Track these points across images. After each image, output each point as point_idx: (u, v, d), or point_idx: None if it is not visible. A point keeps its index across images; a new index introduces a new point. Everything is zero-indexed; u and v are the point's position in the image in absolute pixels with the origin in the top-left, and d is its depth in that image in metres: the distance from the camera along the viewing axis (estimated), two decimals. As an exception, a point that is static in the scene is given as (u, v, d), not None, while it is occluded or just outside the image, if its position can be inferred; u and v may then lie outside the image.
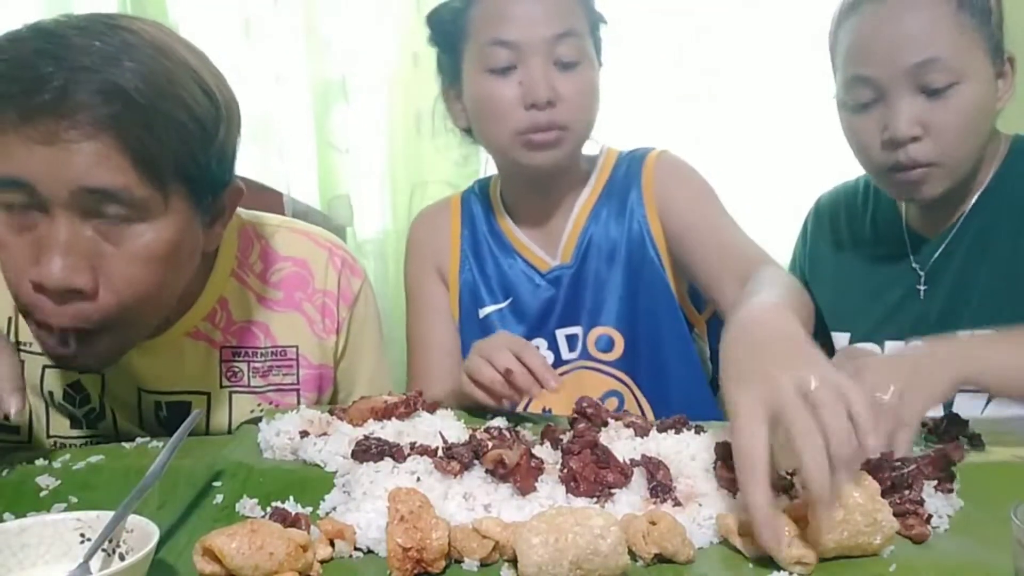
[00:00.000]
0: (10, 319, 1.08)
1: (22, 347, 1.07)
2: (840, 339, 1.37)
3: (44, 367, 1.07)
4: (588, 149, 1.40)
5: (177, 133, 0.90)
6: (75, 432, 1.11)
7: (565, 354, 1.36)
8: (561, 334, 1.36)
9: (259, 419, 1.02)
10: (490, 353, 1.07)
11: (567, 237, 1.37)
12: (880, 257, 1.37)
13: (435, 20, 1.36)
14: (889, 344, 1.30)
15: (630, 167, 1.38)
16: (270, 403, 1.14)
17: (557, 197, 1.38)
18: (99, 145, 0.86)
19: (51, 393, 1.09)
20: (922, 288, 1.30)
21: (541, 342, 1.36)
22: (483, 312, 1.39)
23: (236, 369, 1.11)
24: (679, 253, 1.32)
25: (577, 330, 1.36)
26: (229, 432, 1.11)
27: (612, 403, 1.32)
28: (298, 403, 1.14)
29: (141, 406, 1.10)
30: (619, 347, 1.34)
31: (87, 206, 0.88)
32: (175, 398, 1.10)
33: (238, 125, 1.01)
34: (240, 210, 1.14)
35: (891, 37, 1.19)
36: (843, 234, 1.43)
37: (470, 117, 1.35)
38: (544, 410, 1.33)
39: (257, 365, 1.13)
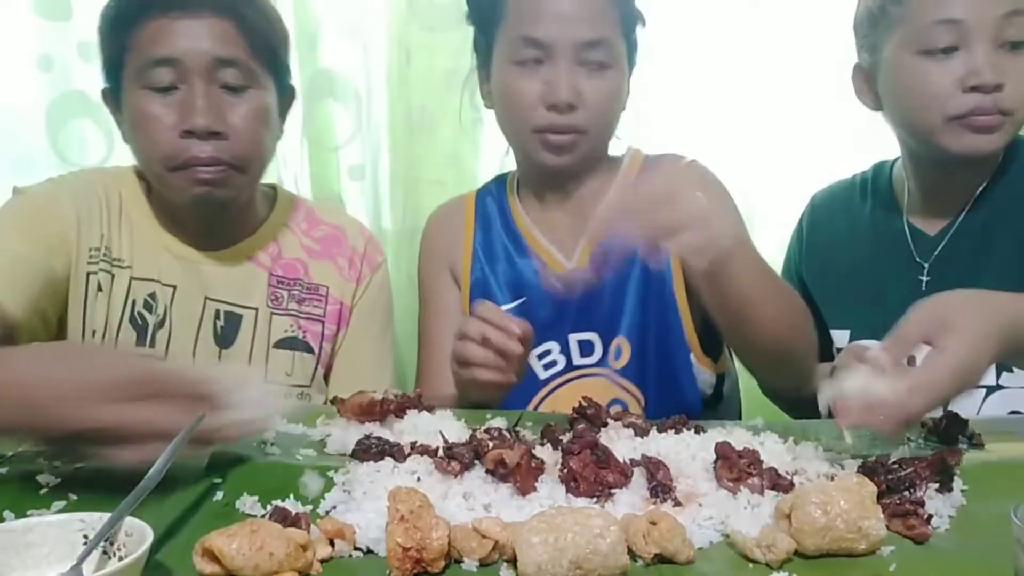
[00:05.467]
0: (97, 248, 1.28)
1: (116, 263, 1.29)
2: (839, 336, 1.36)
3: (131, 279, 1.30)
4: (614, 149, 1.38)
5: (269, 26, 1.27)
6: (138, 348, 1.30)
7: (577, 359, 1.34)
8: (574, 339, 1.34)
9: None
10: (462, 331, 1.11)
11: (585, 242, 1.35)
12: (881, 252, 1.37)
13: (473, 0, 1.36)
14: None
15: None
16: (299, 327, 1.37)
17: (576, 197, 1.36)
18: (226, 26, 1.22)
19: (133, 301, 1.30)
20: (924, 279, 1.30)
21: (553, 345, 1.35)
22: None
23: (279, 295, 1.37)
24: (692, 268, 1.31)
25: (591, 336, 1.34)
26: (269, 344, 1.35)
27: (616, 411, 1.31)
28: (322, 333, 1.38)
29: (203, 315, 1.32)
30: (625, 355, 1.33)
31: (216, 73, 1.21)
32: (232, 308, 1.34)
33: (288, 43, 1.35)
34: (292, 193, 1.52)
35: None
36: (841, 231, 1.43)
37: (495, 103, 1.35)
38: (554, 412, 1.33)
39: (295, 293, 1.38)
